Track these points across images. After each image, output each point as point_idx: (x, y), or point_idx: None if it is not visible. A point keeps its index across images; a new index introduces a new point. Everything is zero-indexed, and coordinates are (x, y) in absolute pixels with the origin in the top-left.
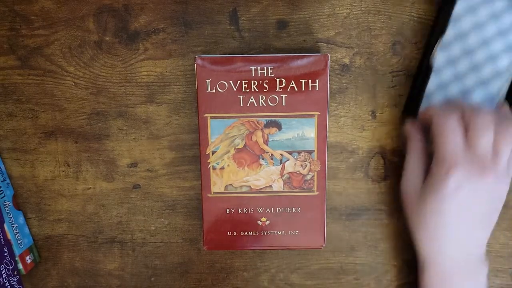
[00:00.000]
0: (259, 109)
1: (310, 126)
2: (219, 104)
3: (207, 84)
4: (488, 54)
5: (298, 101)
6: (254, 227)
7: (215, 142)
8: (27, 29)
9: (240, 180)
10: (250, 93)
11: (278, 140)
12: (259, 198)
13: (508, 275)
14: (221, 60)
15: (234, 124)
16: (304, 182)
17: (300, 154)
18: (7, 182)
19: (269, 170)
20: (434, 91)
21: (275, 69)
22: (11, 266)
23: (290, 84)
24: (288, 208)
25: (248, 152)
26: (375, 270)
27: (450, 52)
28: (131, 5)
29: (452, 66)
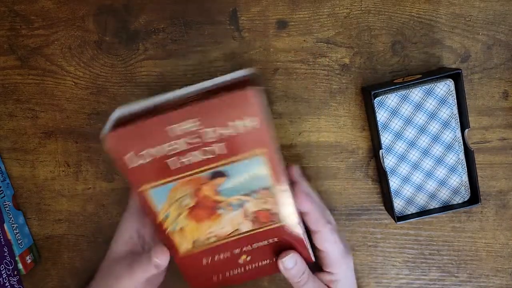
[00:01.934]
0: (197, 164)
1: (260, 165)
2: (152, 173)
3: (128, 161)
4: (431, 137)
5: (237, 144)
6: (237, 266)
7: (162, 209)
8: (27, 29)
9: (205, 233)
10: (180, 153)
11: (230, 187)
12: (232, 242)
13: (508, 275)
14: (131, 131)
15: (175, 187)
16: (271, 215)
17: (258, 192)
18: (7, 182)
19: (231, 217)
20: (400, 186)
21: (202, 120)
22: (11, 266)
23: (221, 131)
24: (265, 241)
25: (202, 207)
26: (375, 270)
27: (396, 151)
28: (131, 5)
29: (405, 160)
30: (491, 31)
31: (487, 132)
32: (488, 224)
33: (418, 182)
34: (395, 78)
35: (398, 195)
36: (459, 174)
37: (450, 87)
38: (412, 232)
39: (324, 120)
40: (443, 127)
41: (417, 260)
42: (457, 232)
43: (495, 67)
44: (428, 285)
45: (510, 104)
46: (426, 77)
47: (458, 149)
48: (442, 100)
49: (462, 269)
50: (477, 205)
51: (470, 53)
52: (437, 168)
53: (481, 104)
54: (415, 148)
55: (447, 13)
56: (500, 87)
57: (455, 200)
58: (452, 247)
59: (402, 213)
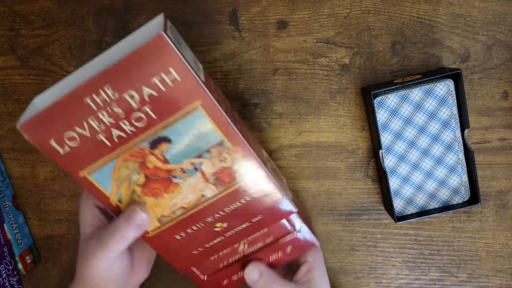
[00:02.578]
0: (131, 136)
1: (200, 119)
2: (86, 156)
3: (55, 146)
4: (430, 137)
5: (167, 102)
6: (214, 235)
7: (112, 192)
8: (27, 29)
9: (169, 207)
10: (107, 127)
11: (177, 152)
12: (201, 211)
13: (508, 275)
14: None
15: (117, 165)
16: (235, 172)
17: (210, 151)
18: (7, 182)
19: (191, 183)
20: (400, 186)
21: (115, 85)
22: (11, 266)
23: (143, 91)
24: (236, 203)
25: (155, 180)
26: (374, 270)
27: (396, 151)
28: (131, 5)
29: (405, 160)
30: (491, 31)
31: (487, 132)
32: (488, 224)
33: (418, 182)
34: (395, 78)
35: (398, 195)
36: (459, 174)
37: (450, 87)
38: (412, 232)
39: (324, 120)
40: (443, 127)
41: (417, 260)
42: (457, 232)
43: (495, 67)
44: (428, 285)
45: (510, 104)
46: (426, 77)
47: (458, 149)
48: (442, 100)
49: (462, 269)
50: (477, 205)
51: (470, 53)
52: (437, 168)
53: (481, 104)
54: (415, 148)
55: (447, 13)
56: (500, 87)
57: (455, 200)
58: (452, 247)
59: (402, 213)
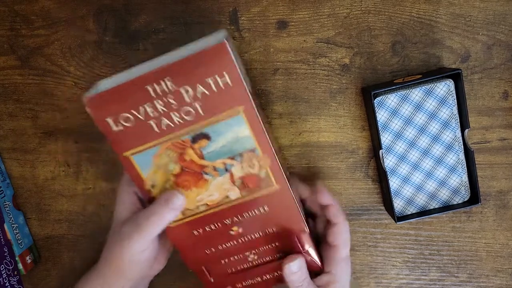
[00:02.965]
0: (177, 127)
1: (240, 124)
2: (134, 138)
3: (110, 123)
4: (431, 137)
5: (215, 103)
6: (229, 238)
7: (149, 176)
8: (27, 29)
9: (194, 202)
10: (160, 114)
11: (213, 150)
12: (221, 211)
13: (508, 275)
14: (112, 93)
15: (159, 152)
16: (260, 180)
17: (242, 156)
18: (7, 182)
19: (219, 182)
20: (400, 186)
21: (174, 80)
22: (11, 266)
23: (197, 89)
24: (255, 210)
25: (188, 173)
26: (375, 270)
27: (396, 151)
28: (131, 5)
29: (405, 160)
30: (491, 31)
31: (487, 132)
32: (488, 224)
33: (418, 182)
34: (395, 78)
35: (398, 195)
36: (459, 174)
37: (450, 87)
38: (412, 232)
39: (324, 120)
40: (443, 127)
41: (417, 260)
42: (457, 232)
43: (495, 67)
44: (428, 285)
45: (510, 104)
46: (426, 77)
47: (458, 149)
48: (442, 100)
49: (462, 269)
50: (477, 205)
51: (470, 53)
52: (437, 168)
53: (481, 104)
54: (415, 148)
55: (447, 13)
56: (500, 87)
57: (455, 200)
58: (452, 247)
59: (402, 213)
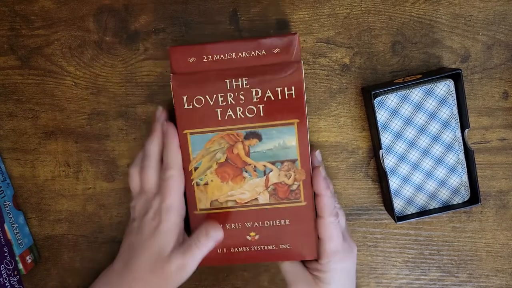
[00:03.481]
0: (237, 121)
1: (291, 134)
2: (198, 120)
3: (184, 101)
4: (431, 137)
5: (276, 110)
6: (243, 242)
7: (196, 158)
8: (27, 29)
9: (225, 195)
10: (227, 106)
11: (260, 151)
12: (246, 212)
13: (508, 275)
14: (196, 76)
15: (214, 138)
16: (290, 192)
17: (283, 164)
18: (8, 182)
19: (254, 183)
20: (400, 186)
21: (250, 80)
22: (11, 266)
23: (266, 94)
24: (277, 221)
25: (230, 165)
26: (375, 270)
27: (396, 151)
28: (131, 5)
29: (405, 160)
30: (491, 31)
31: (487, 132)
32: (488, 224)
33: (418, 182)
34: (395, 78)
35: (398, 195)
36: (459, 174)
37: (450, 87)
38: (412, 232)
39: (324, 120)
40: (443, 127)
41: (417, 260)
42: (457, 232)
43: (495, 67)
44: (428, 285)
45: (510, 104)
46: (426, 77)
47: (458, 149)
48: (442, 100)
49: (462, 269)
50: (477, 205)
51: (470, 53)
52: (437, 168)
53: (481, 104)
54: (415, 148)
55: (447, 13)
56: (500, 87)
57: (455, 200)
58: (452, 247)
59: (402, 213)
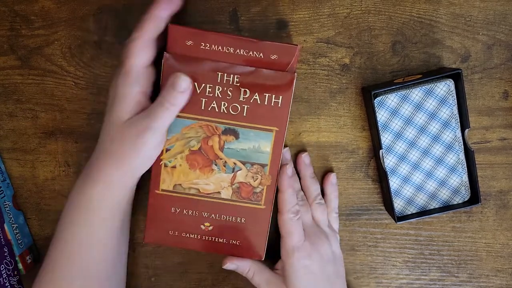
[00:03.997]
0: (219, 115)
1: (267, 140)
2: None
3: None
4: (431, 137)
5: (259, 114)
6: (196, 230)
7: (170, 140)
8: (27, 29)
9: (190, 182)
10: (213, 97)
11: (234, 148)
12: (206, 202)
13: (508, 275)
14: (190, 60)
15: (192, 125)
16: (253, 194)
17: (253, 166)
18: (7, 182)
19: (220, 177)
20: (400, 186)
21: (242, 79)
22: (11, 266)
23: (253, 96)
24: (233, 217)
25: (202, 155)
26: (375, 270)
27: (396, 151)
28: (132, 5)
29: (405, 160)
30: (491, 31)
31: (487, 132)
32: (488, 224)
33: (418, 182)
34: (395, 78)
35: (398, 195)
36: (459, 174)
37: (450, 87)
38: (412, 232)
39: (324, 120)
40: (443, 127)
41: (417, 260)
42: (457, 232)
43: (495, 67)
44: (428, 285)
45: (510, 104)
46: (426, 77)
47: (458, 149)
48: (442, 100)
49: (462, 269)
50: (477, 205)
51: (470, 53)
52: (437, 168)
53: (481, 104)
54: (415, 148)
55: (447, 13)
56: (500, 87)
57: (455, 200)
58: (452, 247)
59: (402, 213)
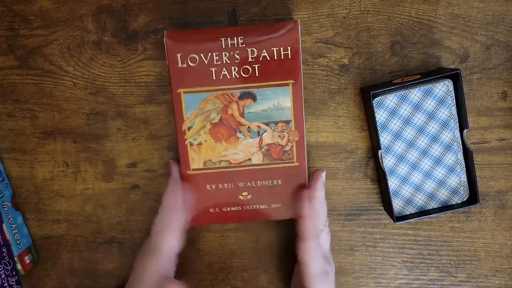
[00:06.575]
0: (232, 81)
1: (285, 95)
2: (192, 79)
3: (178, 59)
4: (430, 137)
5: (271, 70)
6: (236, 202)
7: (190, 117)
8: (26, 29)
9: (219, 155)
10: (222, 65)
11: (254, 111)
12: (239, 172)
13: (507, 275)
14: (190, 34)
15: (208, 98)
16: (283, 153)
17: (277, 124)
18: (6, 182)
19: (247, 143)
20: (399, 186)
21: (246, 39)
22: (9, 266)
23: (261, 53)
24: (269, 180)
25: (224, 126)
26: (373, 270)
27: (395, 151)
28: (130, 5)
29: (404, 160)
30: (490, 31)
31: (486, 132)
32: (487, 224)
33: (417, 182)
34: (394, 79)
35: (397, 195)
36: (458, 174)
37: (449, 88)
38: (411, 232)
39: (323, 120)
40: (442, 127)
41: (416, 260)
42: (456, 232)
43: (494, 68)
44: (427, 285)
45: (508, 105)
46: (425, 78)
47: (457, 149)
48: (441, 101)
49: (461, 269)
50: (476, 205)
51: (469, 54)
52: (436, 168)
53: (480, 105)
54: (414, 148)
55: (446, 14)
56: (499, 87)
57: (454, 200)
58: (451, 247)
59: (401, 213)
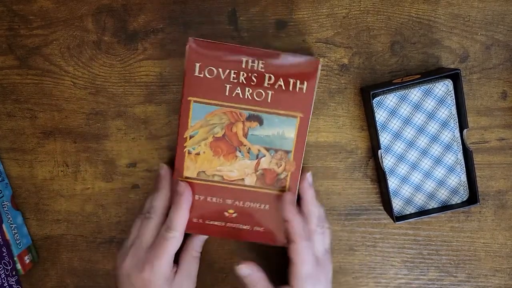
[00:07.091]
0: (243, 101)
1: (291, 126)
2: (205, 89)
3: (196, 68)
4: (429, 137)
5: (283, 99)
6: (220, 217)
7: (194, 126)
8: (26, 29)
9: (214, 169)
10: (238, 83)
11: (258, 135)
12: (230, 189)
13: (507, 275)
14: (214, 46)
15: (216, 111)
16: (277, 180)
17: (277, 152)
18: (6, 182)
19: (244, 164)
20: (399, 186)
21: (266, 64)
22: (9, 266)
23: (278, 82)
24: (257, 204)
25: (226, 142)
26: (373, 270)
27: (395, 151)
28: (130, 5)
29: (404, 160)
30: (490, 31)
31: (485, 132)
32: (487, 224)
33: (417, 182)
34: (394, 78)
35: (397, 195)
36: (458, 174)
37: (448, 87)
38: (410, 232)
39: (323, 120)
40: (441, 127)
41: (416, 260)
42: (455, 232)
43: (494, 67)
44: (426, 285)
45: (508, 104)
46: (425, 77)
47: (457, 149)
48: (441, 100)
49: (461, 269)
50: (476, 205)
51: (469, 53)
52: (435, 168)
53: (479, 104)
54: (413, 148)
55: (446, 13)
56: (498, 87)
57: (453, 200)
58: (451, 247)
59: (401, 213)
